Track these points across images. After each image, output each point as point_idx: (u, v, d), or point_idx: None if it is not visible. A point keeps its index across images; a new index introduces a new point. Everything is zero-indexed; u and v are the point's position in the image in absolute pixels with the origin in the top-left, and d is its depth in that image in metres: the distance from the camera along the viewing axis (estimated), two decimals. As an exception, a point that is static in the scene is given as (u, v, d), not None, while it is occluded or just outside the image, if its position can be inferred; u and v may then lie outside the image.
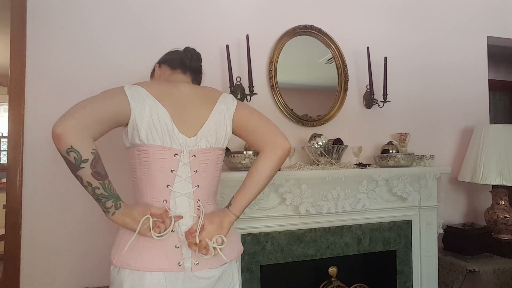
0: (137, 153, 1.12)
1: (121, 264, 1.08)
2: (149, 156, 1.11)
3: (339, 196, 1.97)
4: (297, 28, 2.24)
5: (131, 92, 1.09)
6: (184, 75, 1.30)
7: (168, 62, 1.32)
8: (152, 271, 1.07)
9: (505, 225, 2.39)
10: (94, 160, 0.98)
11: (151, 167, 1.12)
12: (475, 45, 2.76)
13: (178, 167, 1.13)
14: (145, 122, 1.08)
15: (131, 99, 1.08)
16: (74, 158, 0.96)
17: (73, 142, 0.95)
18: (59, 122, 0.95)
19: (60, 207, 1.83)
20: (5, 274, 1.76)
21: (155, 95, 1.12)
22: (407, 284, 2.17)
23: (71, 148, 0.95)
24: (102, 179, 1.01)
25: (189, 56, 1.29)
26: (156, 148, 1.11)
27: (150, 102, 1.10)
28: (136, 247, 1.08)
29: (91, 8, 1.91)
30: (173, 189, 1.13)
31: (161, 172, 1.12)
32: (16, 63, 1.80)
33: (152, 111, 1.09)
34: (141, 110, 1.08)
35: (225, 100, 1.23)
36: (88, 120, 0.98)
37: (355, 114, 2.38)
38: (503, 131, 2.39)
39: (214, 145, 1.19)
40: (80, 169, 0.97)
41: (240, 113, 1.24)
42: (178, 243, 1.11)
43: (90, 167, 0.98)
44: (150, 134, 1.09)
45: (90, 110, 1.00)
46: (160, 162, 1.12)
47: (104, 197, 1.03)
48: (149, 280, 1.06)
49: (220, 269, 1.17)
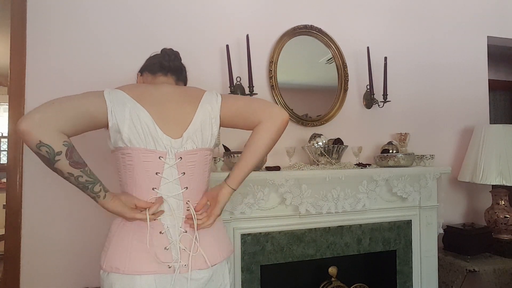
0: (121, 157, 1.11)
1: (110, 269, 1.08)
2: (133, 159, 1.10)
3: (339, 196, 1.97)
4: (297, 28, 2.24)
5: (110, 95, 1.08)
6: (166, 77, 1.28)
7: (148, 69, 1.30)
8: (141, 274, 1.06)
9: (505, 225, 2.39)
10: (69, 151, 0.97)
11: (136, 170, 1.11)
12: (475, 45, 2.75)
13: (164, 169, 1.12)
14: (127, 125, 1.07)
15: (109, 101, 1.06)
16: (46, 152, 0.94)
17: (41, 136, 0.93)
18: (24, 119, 0.93)
19: (60, 207, 1.83)
20: (5, 274, 1.76)
21: (135, 97, 1.10)
22: (407, 284, 2.17)
23: (41, 143, 0.93)
24: (82, 167, 1.00)
25: (167, 57, 1.27)
26: (140, 151, 1.09)
27: (130, 105, 1.08)
28: (125, 250, 1.08)
29: (91, 8, 1.91)
30: (159, 192, 1.12)
31: (146, 175, 1.11)
32: (16, 63, 1.80)
33: (132, 114, 1.07)
34: (121, 113, 1.07)
35: (209, 98, 1.21)
36: (54, 114, 0.96)
37: (355, 114, 2.38)
38: (503, 131, 2.38)
39: (200, 146, 1.17)
40: (56, 162, 0.96)
41: (226, 104, 1.22)
42: (168, 245, 1.10)
43: (65, 158, 0.96)
44: (133, 137, 1.08)
45: (58, 105, 0.98)
46: (145, 165, 1.10)
47: (90, 183, 1.02)
48: (139, 283, 1.06)
49: (209, 271, 1.16)
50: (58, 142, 0.95)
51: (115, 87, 1.14)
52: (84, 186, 1.02)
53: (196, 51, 2.05)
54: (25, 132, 0.92)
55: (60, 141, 0.96)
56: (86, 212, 1.84)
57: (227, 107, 1.21)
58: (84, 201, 1.78)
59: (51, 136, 0.94)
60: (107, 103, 1.06)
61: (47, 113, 0.96)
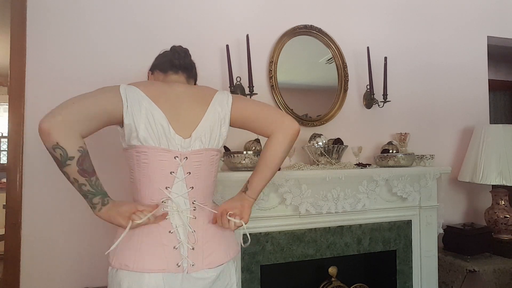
0: (136, 155, 1.12)
1: (119, 266, 1.08)
2: (149, 158, 1.11)
3: (339, 196, 1.97)
4: (297, 28, 2.24)
5: (126, 91, 1.08)
6: (177, 75, 1.29)
7: (159, 67, 1.31)
8: (150, 272, 1.07)
9: (505, 225, 2.39)
10: (81, 158, 0.98)
11: (150, 168, 1.12)
12: (475, 45, 2.75)
13: (178, 169, 1.13)
14: (143, 124, 1.08)
15: (125, 99, 1.07)
16: (60, 155, 0.95)
17: (59, 139, 0.94)
18: (46, 118, 0.94)
19: (60, 207, 1.83)
20: (5, 274, 1.76)
21: (151, 96, 1.11)
22: (407, 284, 2.17)
23: (57, 145, 0.94)
24: (89, 176, 1.01)
25: (177, 55, 1.28)
26: (157, 150, 1.10)
27: (145, 104, 1.09)
28: (134, 248, 1.08)
29: (91, 8, 1.91)
30: (172, 191, 1.13)
31: (161, 174, 1.12)
32: (16, 63, 1.80)
33: (147, 113, 1.09)
34: (137, 111, 1.08)
35: (220, 99, 1.22)
36: (76, 116, 0.97)
37: (355, 114, 2.38)
38: (503, 131, 2.39)
39: (207, 146, 1.18)
40: (66, 166, 0.97)
41: (237, 106, 1.23)
42: (177, 244, 1.11)
43: (76, 164, 0.97)
44: (149, 136, 1.09)
45: (78, 106, 0.99)
46: (160, 164, 1.12)
47: (90, 194, 1.03)
48: (148, 281, 1.06)
49: (217, 270, 1.17)
50: (73, 147, 0.96)
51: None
52: (84, 194, 1.03)
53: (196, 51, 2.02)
54: (45, 131, 0.94)
55: (76, 146, 0.97)
56: (86, 212, 1.82)
57: (238, 109, 1.23)
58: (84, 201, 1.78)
59: (69, 140, 0.95)
60: (123, 101, 1.07)
61: (69, 115, 0.97)
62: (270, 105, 1.26)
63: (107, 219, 1.07)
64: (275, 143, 1.18)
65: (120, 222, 1.07)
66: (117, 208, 1.08)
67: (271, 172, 1.20)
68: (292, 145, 1.21)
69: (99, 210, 1.06)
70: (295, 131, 1.19)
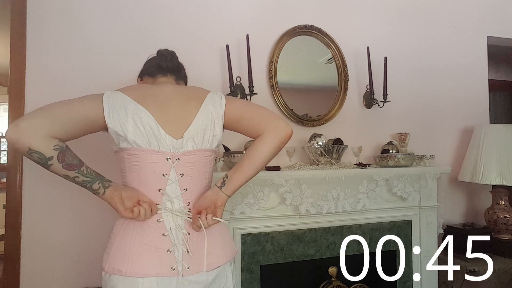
0: (127, 157, 1.10)
1: (112, 271, 1.07)
2: (140, 160, 1.09)
3: (339, 196, 1.97)
4: (297, 28, 2.24)
5: (110, 99, 1.07)
6: (166, 78, 1.28)
7: (147, 72, 1.30)
8: (144, 277, 1.05)
9: (505, 225, 2.38)
10: (60, 155, 0.97)
11: (142, 170, 1.10)
12: (475, 45, 2.75)
13: (170, 171, 1.11)
14: (131, 127, 1.06)
15: (107, 105, 1.06)
16: (38, 158, 0.96)
17: (29, 143, 0.93)
18: (9, 128, 0.94)
19: (60, 207, 1.83)
20: (5, 274, 1.76)
21: (137, 98, 1.10)
22: (407, 284, 2.17)
23: (31, 150, 0.94)
24: (77, 167, 1.01)
25: (164, 58, 1.27)
26: (147, 151, 1.09)
27: (131, 107, 1.08)
28: (127, 252, 1.07)
29: (91, 8, 1.91)
30: (165, 193, 1.12)
31: (153, 176, 1.11)
32: (16, 63, 1.80)
33: (134, 115, 1.07)
34: (123, 115, 1.06)
35: (212, 99, 1.20)
36: (43, 121, 0.97)
37: (355, 114, 2.38)
38: (503, 131, 2.38)
39: (201, 147, 1.15)
40: (50, 166, 0.97)
41: (231, 106, 1.20)
42: (171, 248, 1.10)
43: (58, 162, 0.97)
44: (138, 138, 1.08)
45: (47, 111, 0.99)
46: (152, 165, 1.10)
47: (87, 182, 1.03)
48: (141, 286, 1.05)
49: (213, 273, 1.15)
50: (48, 147, 0.96)
51: (114, 87, 1.14)
52: (82, 185, 1.04)
53: (196, 51, 2.05)
54: (12, 141, 0.94)
55: (50, 146, 0.96)
56: (86, 212, 1.84)
57: (232, 110, 1.20)
58: (85, 201, 1.79)
59: (40, 142, 0.95)
60: (104, 107, 1.06)
61: (33, 119, 0.96)
62: (263, 107, 1.23)
63: (110, 201, 1.08)
64: (264, 142, 1.14)
65: (118, 208, 1.07)
66: (120, 192, 1.08)
67: (253, 171, 1.15)
68: (281, 148, 1.17)
69: (104, 194, 1.06)
70: (287, 134, 1.15)
